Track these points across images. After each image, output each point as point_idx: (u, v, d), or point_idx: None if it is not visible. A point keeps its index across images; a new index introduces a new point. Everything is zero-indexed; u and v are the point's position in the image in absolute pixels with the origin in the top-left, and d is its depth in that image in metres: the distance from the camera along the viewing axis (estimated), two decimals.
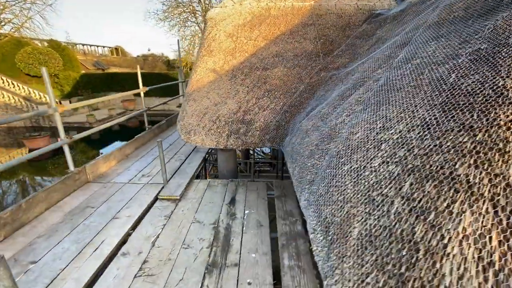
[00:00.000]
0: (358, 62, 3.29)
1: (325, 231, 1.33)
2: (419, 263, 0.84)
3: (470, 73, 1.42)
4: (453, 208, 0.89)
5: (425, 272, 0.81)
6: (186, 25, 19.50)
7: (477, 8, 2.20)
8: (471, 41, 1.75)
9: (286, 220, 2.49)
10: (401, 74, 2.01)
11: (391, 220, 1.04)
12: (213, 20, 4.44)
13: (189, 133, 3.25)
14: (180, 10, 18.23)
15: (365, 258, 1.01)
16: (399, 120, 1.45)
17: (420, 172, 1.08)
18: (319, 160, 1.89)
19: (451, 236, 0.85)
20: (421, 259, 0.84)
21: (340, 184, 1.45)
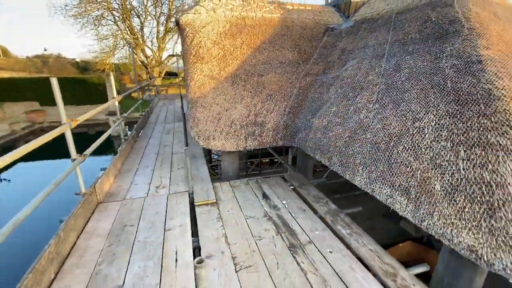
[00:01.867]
0: (339, 69, 4.05)
1: (405, 194, 1.89)
2: (492, 192, 1.48)
3: (459, 80, 2.21)
4: (497, 161, 1.58)
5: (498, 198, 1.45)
6: (102, 24, 17.38)
7: (429, 33, 3.16)
8: (443, 57, 2.61)
9: (320, 203, 2.98)
10: (400, 80, 2.77)
11: (462, 173, 1.67)
12: (192, 26, 4.50)
13: (208, 139, 3.34)
14: (94, 6, 16.14)
15: (456, 199, 1.61)
16: (428, 112, 2.14)
17: (468, 145, 1.75)
18: (361, 148, 2.45)
19: (504, 177, 1.52)
20: (493, 190, 1.49)
21: (401, 160, 2.04)
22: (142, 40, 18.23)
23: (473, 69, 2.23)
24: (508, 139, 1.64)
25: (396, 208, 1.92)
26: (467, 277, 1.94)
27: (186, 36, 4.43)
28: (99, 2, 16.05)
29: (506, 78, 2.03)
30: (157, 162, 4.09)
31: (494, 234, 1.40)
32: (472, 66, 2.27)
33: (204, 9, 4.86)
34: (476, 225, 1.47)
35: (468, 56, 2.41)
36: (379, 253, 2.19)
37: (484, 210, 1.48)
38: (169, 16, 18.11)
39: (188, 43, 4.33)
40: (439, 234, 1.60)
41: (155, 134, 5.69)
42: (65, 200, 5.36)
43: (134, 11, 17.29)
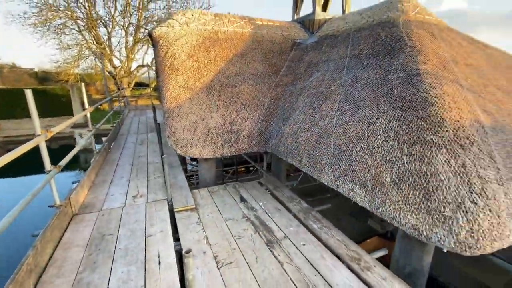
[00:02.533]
0: (305, 80, 4.43)
1: (363, 187, 2.19)
2: (428, 180, 1.83)
3: (403, 90, 2.63)
4: (431, 155, 1.94)
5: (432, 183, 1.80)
6: (65, 33, 16.64)
7: (380, 49, 3.64)
8: (391, 70, 3.05)
9: (293, 202, 3.22)
10: (357, 90, 3.17)
11: (405, 167, 2.01)
12: (165, 39, 4.65)
13: (185, 147, 3.45)
14: (56, 15, 15.45)
15: (402, 188, 1.93)
16: (379, 117, 2.52)
17: (410, 142, 2.12)
18: (326, 150, 2.76)
19: (437, 167, 1.88)
20: (429, 178, 1.84)
21: (359, 158, 2.36)
22: (110, 50, 17.69)
23: (414, 81, 2.67)
24: (439, 137, 2.02)
25: (357, 200, 2.21)
26: (416, 256, 2.28)
27: (160, 48, 4.54)
28: (62, 11, 15.39)
29: (438, 88, 2.48)
30: (132, 173, 4.07)
31: (430, 213, 1.73)
32: (413, 78, 2.72)
33: (177, 22, 5.03)
34: (417, 208, 1.79)
35: (410, 69, 2.87)
36: (346, 242, 2.47)
37: (423, 195, 1.81)
38: (138, 27, 17.87)
39: (162, 55, 4.45)
40: (391, 218, 1.91)
41: (128, 145, 5.61)
42: (36, 214, 5.05)
43: (101, 21, 16.80)
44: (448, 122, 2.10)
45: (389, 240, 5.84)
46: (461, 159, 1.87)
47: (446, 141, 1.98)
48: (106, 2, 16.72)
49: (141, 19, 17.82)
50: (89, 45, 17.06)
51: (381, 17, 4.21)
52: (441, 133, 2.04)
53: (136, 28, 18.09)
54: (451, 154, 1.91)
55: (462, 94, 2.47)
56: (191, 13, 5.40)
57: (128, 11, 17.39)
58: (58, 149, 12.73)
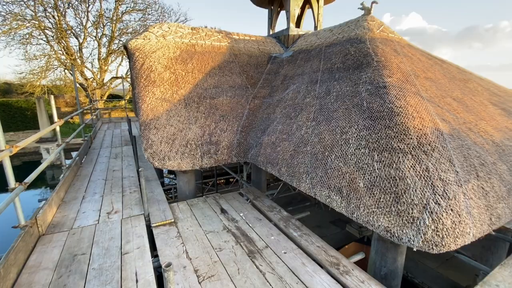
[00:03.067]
0: (282, 92, 4.59)
1: (339, 193, 2.29)
2: (397, 184, 1.97)
3: (372, 101, 2.83)
4: (399, 161, 2.10)
5: (400, 187, 1.94)
6: (31, 43, 15.84)
7: (349, 63, 3.89)
8: (360, 83, 3.27)
9: (273, 211, 3.25)
10: (330, 102, 3.34)
11: (376, 172, 2.15)
12: (141, 51, 4.62)
13: (163, 160, 3.38)
14: (22, 24, 14.72)
15: (374, 192, 2.05)
16: (351, 126, 2.67)
17: (379, 150, 2.27)
18: (304, 158, 2.86)
19: (404, 172, 2.03)
20: (397, 182, 1.97)
21: (334, 166, 2.47)
22: (81, 61, 17.02)
23: (381, 93, 2.88)
24: (405, 144, 2.19)
25: (334, 206, 2.30)
26: (391, 257, 2.40)
27: (135, 60, 4.49)
28: (29, 20, 14.66)
29: (402, 99, 2.70)
30: (106, 188, 3.89)
31: (400, 215, 1.85)
32: (380, 90, 2.93)
33: (153, 35, 5.02)
34: (388, 211, 1.91)
35: (377, 82, 3.10)
36: (325, 248, 2.54)
37: (393, 198, 1.94)
38: (112, 38, 17.45)
39: (138, 67, 4.40)
40: (365, 221, 2.01)
41: (101, 160, 5.36)
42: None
43: (71, 31, 16.20)
44: (412, 130, 2.29)
45: (366, 244, 6.05)
46: (425, 164, 2.03)
47: (411, 147, 2.16)
48: (78, 13, 16.24)
49: (115, 31, 17.45)
50: (58, 56, 16.30)
51: (350, 34, 4.53)
52: (406, 140, 2.22)
53: (110, 39, 17.65)
54: (416, 159, 2.07)
55: (423, 104, 2.71)
56: (167, 26, 5.43)
57: (101, 22, 16.98)
58: (21, 166, 11.78)
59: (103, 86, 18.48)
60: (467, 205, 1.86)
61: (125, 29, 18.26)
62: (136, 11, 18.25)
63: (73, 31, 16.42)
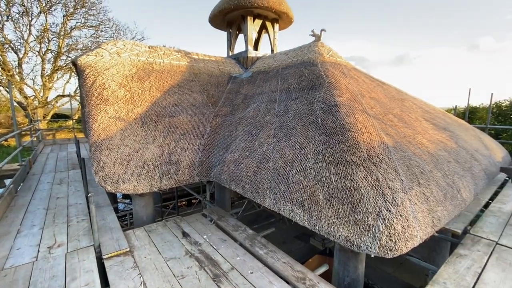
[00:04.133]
0: (243, 111, 4.68)
1: (301, 207, 2.36)
2: (352, 195, 2.10)
3: (326, 118, 3.04)
4: (352, 173, 2.26)
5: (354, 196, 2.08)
6: None
7: (304, 84, 4.16)
8: (314, 102, 3.51)
9: (238, 230, 3.18)
10: (288, 120, 3.50)
11: (334, 184, 2.27)
12: (93, 68, 4.38)
13: (116, 183, 3.12)
14: None
15: (333, 204, 2.16)
16: (309, 142, 2.82)
17: (335, 163, 2.42)
18: (267, 174, 2.91)
19: (357, 183, 2.19)
20: (353, 193, 2.11)
21: (295, 180, 2.56)
22: (20, 78, 15.29)
23: (333, 111, 3.12)
24: (357, 157, 2.38)
25: (297, 220, 2.35)
26: (352, 266, 2.49)
27: (86, 77, 4.21)
28: None
29: (352, 116, 2.96)
30: (47, 218, 3.41)
31: (357, 224, 1.96)
32: (332, 108, 3.18)
33: (106, 52, 4.80)
34: (347, 220, 2.01)
35: (329, 101, 3.35)
36: (291, 263, 2.54)
37: (350, 208, 2.06)
38: (59, 54, 16.15)
39: (89, 84, 4.12)
40: (327, 233, 2.08)
41: (42, 186, 4.73)
42: None
43: (9, 45, 14.60)
44: (362, 144, 2.50)
45: (328, 256, 6.23)
46: (375, 174, 2.22)
47: (362, 160, 2.34)
48: (18, 26, 14.79)
49: (62, 46, 16.22)
50: None
51: (303, 58, 4.89)
52: (358, 153, 2.41)
53: (56, 55, 16.30)
54: (367, 170, 2.25)
55: (370, 121, 3.00)
56: (122, 43, 5.25)
57: (46, 36, 15.68)
58: None
59: (46, 105, 16.72)
60: (413, 210, 2.06)
61: (75, 45, 17.12)
62: (88, 27, 17.34)
63: (12, 45, 14.83)
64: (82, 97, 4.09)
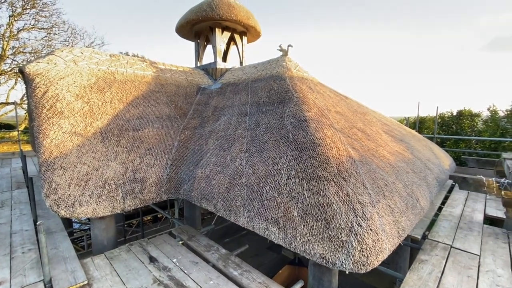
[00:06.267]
0: (214, 123, 4.60)
1: (276, 224, 2.34)
2: (325, 211, 2.14)
3: (296, 133, 3.10)
4: (324, 188, 2.32)
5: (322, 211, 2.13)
6: None
7: (274, 98, 4.23)
8: (285, 116, 3.57)
9: (211, 251, 3.04)
10: (260, 134, 3.51)
11: (307, 200, 2.30)
12: (44, 77, 3.99)
13: (72, 206, 2.79)
14: None
15: (307, 220, 2.17)
16: (281, 157, 2.84)
17: (308, 178, 2.46)
18: (240, 191, 2.85)
19: (330, 198, 2.24)
20: (326, 209, 2.15)
21: (269, 197, 2.54)
22: None
23: (303, 125, 3.20)
24: (327, 172, 2.44)
25: (272, 238, 2.32)
26: (327, 281, 2.52)
27: (36, 87, 3.79)
28: None
29: (321, 131, 3.06)
30: None
31: (332, 241, 1.99)
32: (302, 123, 3.26)
33: (61, 59, 4.41)
34: (321, 237, 2.04)
35: (299, 116, 3.44)
36: (266, 283, 2.49)
37: (324, 225, 2.09)
38: (3, 57, 14.43)
39: (39, 95, 3.72)
40: (302, 251, 2.08)
41: None
42: None
43: None
44: (331, 159, 2.58)
45: (298, 265, 6.30)
46: (345, 189, 2.30)
47: (332, 175, 2.41)
48: None
49: (6, 49, 14.55)
50: None
51: (272, 72, 4.99)
52: (328, 169, 2.48)
53: None
54: (338, 186, 2.32)
55: (337, 135, 3.13)
56: (80, 51, 4.87)
57: None
58: None
59: None
60: (381, 223, 2.16)
61: (22, 47, 15.47)
62: (38, 29, 15.84)
63: None
64: (31, 109, 3.65)
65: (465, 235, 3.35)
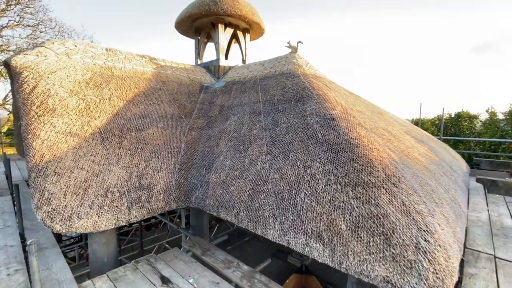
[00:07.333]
0: (223, 123, 4.22)
1: (319, 239, 1.98)
2: (382, 223, 1.81)
3: (326, 133, 2.77)
4: (375, 196, 1.98)
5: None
6: None
7: (290, 96, 3.89)
8: (307, 115, 3.24)
9: (231, 268, 2.65)
10: (281, 134, 3.16)
11: (357, 210, 1.96)
12: (33, 70, 3.53)
13: (69, 220, 2.35)
14: None
15: (361, 235, 1.83)
16: (313, 160, 2.50)
17: (352, 185, 2.12)
18: (267, 199, 2.48)
19: (384, 208, 1.91)
20: (382, 221, 1.82)
21: (306, 207, 2.18)
22: None
23: (332, 124, 2.87)
24: (374, 177, 2.12)
25: (315, 256, 1.96)
26: None
27: (23, 81, 3.32)
28: None
29: (354, 131, 2.74)
30: None
31: (396, 260, 1.66)
32: (330, 122, 2.93)
33: (52, 52, 3.95)
34: (382, 256, 1.70)
35: (324, 114, 3.11)
36: None
37: (383, 241, 1.75)
38: None
39: (28, 90, 3.25)
40: (358, 272, 1.74)
41: None
42: None
43: None
44: (375, 162, 2.26)
45: (305, 273, 5.95)
46: (399, 197, 1.97)
47: (381, 180, 2.09)
48: None
49: None
50: None
51: (282, 69, 4.66)
52: (374, 173, 2.15)
53: None
54: (389, 193, 2.00)
55: (371, 135, 2.82)
56: (73, 43, 4.41)
57: None
58: None
59: None
60: (445, 236, 1.84)
61: (6, 45, 14.62)
62: (24, 26, 15.02)
63: None
64: (17, 106, 3.18)
65: (504, 243, 3.10)
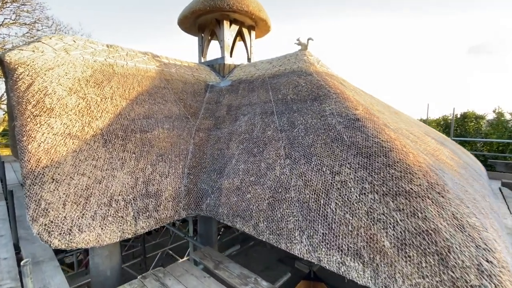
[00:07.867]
0: (232, 124, 3.97)
1: (358, 258, 1.73)
2: (434, 240, 1.56)
3: (352, 135, 2.52)
4: (421, 208, 1.74)
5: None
6: None
7: (304, 95, 3.64)
8: (327, 115, 2.99)
9: (249, 284, 2.39)
10: (299, 136, 2.91)
11: (401, 224, 1.71)
12: (29, 67, 3.26)
13: (69, 233, 2.08)
14: None
15: (410, 254, 1.58)
16: (342, 165, 2.25)
17: (392, 194, 1.87)
18: (290, 209, 2.23)
19: (434, 222, 1.66)
20: (433, 238, 1.58)
21: (338, 219, 1.93)
22: None
23: (357, 125, 2.63)
24: (416, 185, 1.87)
25: (354, 277, 1.71)
26: None
27: (18, 78, 3.05)
28: None
29: (383, 132, 2.49)
30: None
31: (458, 286, 1.42)
32: (354, 123, 2.69)
33: (49, 47, 3.67)
34: (439, 281, 1.45)
35: (346, 114, 2.87)
36: None
37: (438, 261, 1.51)
38: None
39: (23, 88, 2.99)
40: None
41: None
42: None
43: None
44: (414, 168, 2.02)
45: (313, 280, 5.69)
46: (447, 208, 1.73)
47: (424, 189, 1.85)
48: None
49: None
50: None
51: (292, 67, 4.42)
52: (415, 181, 1.91)
53: None
54: (436, 204, 1.75)
55: (401, 138, 2.58)
56: (72, 39, 4.14)
57: None
58: None
59: None
60: (505, 254, 1.60)
61: (1, 44, 14.27)
62: (20, 24, 14.67)
63: None
64: (11, 105, 2.91)
65: None
